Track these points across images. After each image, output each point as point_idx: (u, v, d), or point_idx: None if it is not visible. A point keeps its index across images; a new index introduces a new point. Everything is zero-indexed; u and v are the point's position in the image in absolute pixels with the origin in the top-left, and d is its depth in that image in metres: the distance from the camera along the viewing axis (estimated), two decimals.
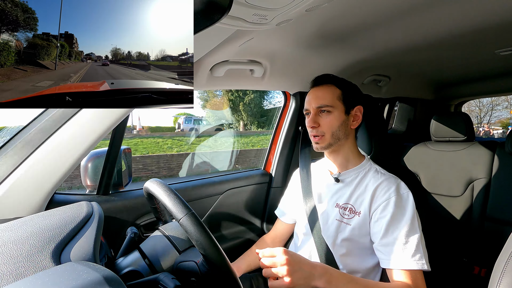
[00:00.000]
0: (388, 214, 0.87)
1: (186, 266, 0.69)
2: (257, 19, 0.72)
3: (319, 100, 0.98)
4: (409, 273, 0.82)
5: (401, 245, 0.84)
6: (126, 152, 1.23)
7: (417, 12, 0.90)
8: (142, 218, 1.19)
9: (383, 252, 0.87)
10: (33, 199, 0.80)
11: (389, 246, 0.86)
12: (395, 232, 0.86)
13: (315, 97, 1.00)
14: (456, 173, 1.47)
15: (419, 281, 0.82)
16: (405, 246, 0.83)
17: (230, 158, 7.28)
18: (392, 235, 0.86)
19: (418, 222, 0.88)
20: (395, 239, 0.85)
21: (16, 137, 0.80)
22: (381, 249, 0.88)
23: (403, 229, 0.85)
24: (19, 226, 0.53)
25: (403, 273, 0.82)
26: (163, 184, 0.68)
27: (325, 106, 0.97)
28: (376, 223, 0.89)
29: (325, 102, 0.98)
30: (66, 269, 0.41)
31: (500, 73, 1.77)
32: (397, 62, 1.46)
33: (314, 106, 0.99)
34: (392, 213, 0.87)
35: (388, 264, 0.85)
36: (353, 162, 1.03)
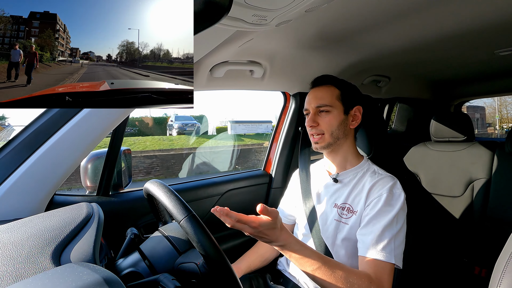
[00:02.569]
0: (375, 209, 0.89)
1: (186, 267, 0.69)
2: (257, 20, 0.72)
3: (318, 100, 1.00)
4: (375, 263, 0.83)
5: (375, 237, 0.85)
6: (126, 153, 1.23)
7: (417, 12, 0.90)
8: (142, 219, 1.19)
9: (359, 240, 0.89)
10: (33, 200, 0.80)
11: (365, 235, 0.88)
12: (375, 224, 0.88)
13: (315, 97, 1.01)
14: (456, 173, 1.47)
15: (384, 275, 0.82)
16: (378, 238, 0.85)
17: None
18: (371, 226, 0.88)
19: (400, 220, 0.89)
20: (372, 230, 0.87)
21: (16, 138, 0.80)
22: (359, 238, 0.90)
23: (383, 223, 0.86)
24: (19, 227, 0.53)
25: (368, 262, 0.84)
26: (163, 185, 0.68)
27: (324, 106, 0.99)
28: (365, 217, 0.91)
29: (324, 101, 0.99)
30: (66, 270, 0.41)
31: (499, 73, 1.77)
32: (396, 62, 1.46)
33: (314, 105, 1.01)
34: (379, 209, 0.89)
35: (360, 251, 0.87)
36: (351, 162, 1.04)
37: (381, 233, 0.85)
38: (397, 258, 0.84)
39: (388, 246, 0.84)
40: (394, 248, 0.84)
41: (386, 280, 0.81)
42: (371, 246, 0.84)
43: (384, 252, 0.83)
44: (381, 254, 0.83)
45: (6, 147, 0.79)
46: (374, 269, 0.82)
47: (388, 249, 0.83)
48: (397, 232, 0.86)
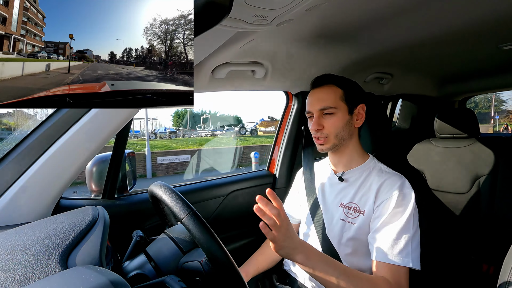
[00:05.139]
0: (387, 211, 0.87)
1: (190, 266, 0.69)
2: (258, 20, 0.72)
3: (322, 102, 0.97)
4: (392, 268, 0.82)
5: (390, 240, 0.84)
6: (130, 155, 1.23)
7: (418, 8, 0.89)
8: (148, 221, 1.20)
9: (373, 244, 0.88)
10: (40, 204, 0.81)
11: (379, 239, 0.86)
12: (388, 227, 0.86)
13: (317, 99, 0.98)
14: (461, 169, 1.46)
15: (401, 279, 0.81)
16: (394, 242, 0.83)
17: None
18: (385, 229, 0.86)
19: (414, 221, 0.87)
20: (386, 233, 0.85)
21: (21, 144, 0.81)
22: (372, 242, 0.88)
23: (397, 226, 0.85)
24: (26, 231, 0.54)
25: (385, 267, 0.82)
26: (167, 186, 0.69)
27: (328, 108, 0.95)
28: (376, 219, 0.90)
29: (328, 103, 0.96)
30: (73, 274, 0.42)
31: (503, 68, 1.75)
32: (399, 59, 1.45)
33: (317, 108, 0.97)
34: (392, 210, 0.87)
35: (374, 256, 0.85)
36: (357, 161, 1.02)
37: (396, 236, 0.84)
38: (415, 261, 0.83)
39: (405, 250, 0.82)
40: (411, 251, 0.83)
41: (404, 284, 0.81)
42: (388, 250, 0.83)
43: (401, 256, 0.82)
44: (398, 258, 0.81)
45: (11, 153, 0.80)
46: (392, 274, 0.81)
47: (405, 253, 0.82)
48: (413, 234, 0.85)
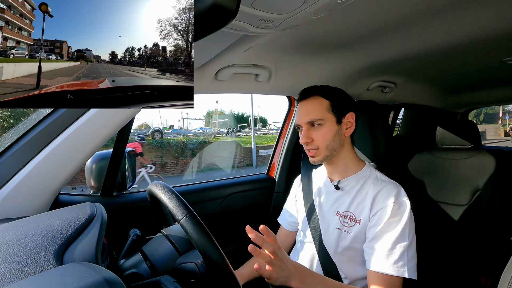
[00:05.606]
0: (383, 220, 0.87)
1: (186, 267, 0.69)
2: (264, 24, 0.73)
3: (309, 115, 0.96)
4: (386, 279, 0.81)
5: (385, 250, 0.83)
6: (131, 154, 1.23)
7: (425, 20, 0.89)
8: (145, 220, 1.20)
9: (368, 254, 0.87)
10: (37, 199, 0.81)
11: (374, 249, 0.86)
12: (384, 237, 0.86)
13: (305, 112, 0.97)
14: (461, 181, 1.45)
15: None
16: (389, 252, 0.83)
17: None
18: (380, 239, 0.86)
19: (410, 230, 0.86)
20: (381, 243, 0.85)
21: (22, 138, 0.81)
22: (367, 251, 0.88)
23: (393, 236, 0.84)
24: (23, 225, 0.54)
25: (380, 277, 0.82)
26: (166, 186, 0.68)
27: (315, 120, 0.95)
28: (372, 228, 0.89)
29: (315, 116, 0.95)
30: (68, 270, 0.41)
31: (507, 81, 1.75)
32: (403, 69, 1.46)
33: (305, 121, 0.96)
34: (387, 220, 0.87)
35: (369, 266, 0.85)
36: (352, 169, 1.01)
37: (391, 246, 0.83)
38: (411, 271, 0.82)
39: (400, 260, 0.82)
40: (407, 261, 0.82)
41: None
42: (383, 260, 0.83)
43: (396, 266, 0.81)
44: (393, 269, 0.81)
45: (12, 147, 0.80)
46: (386, 285, 0.81)
47: (400, 263, 0.81)
48: (409, 243, 0.84)
